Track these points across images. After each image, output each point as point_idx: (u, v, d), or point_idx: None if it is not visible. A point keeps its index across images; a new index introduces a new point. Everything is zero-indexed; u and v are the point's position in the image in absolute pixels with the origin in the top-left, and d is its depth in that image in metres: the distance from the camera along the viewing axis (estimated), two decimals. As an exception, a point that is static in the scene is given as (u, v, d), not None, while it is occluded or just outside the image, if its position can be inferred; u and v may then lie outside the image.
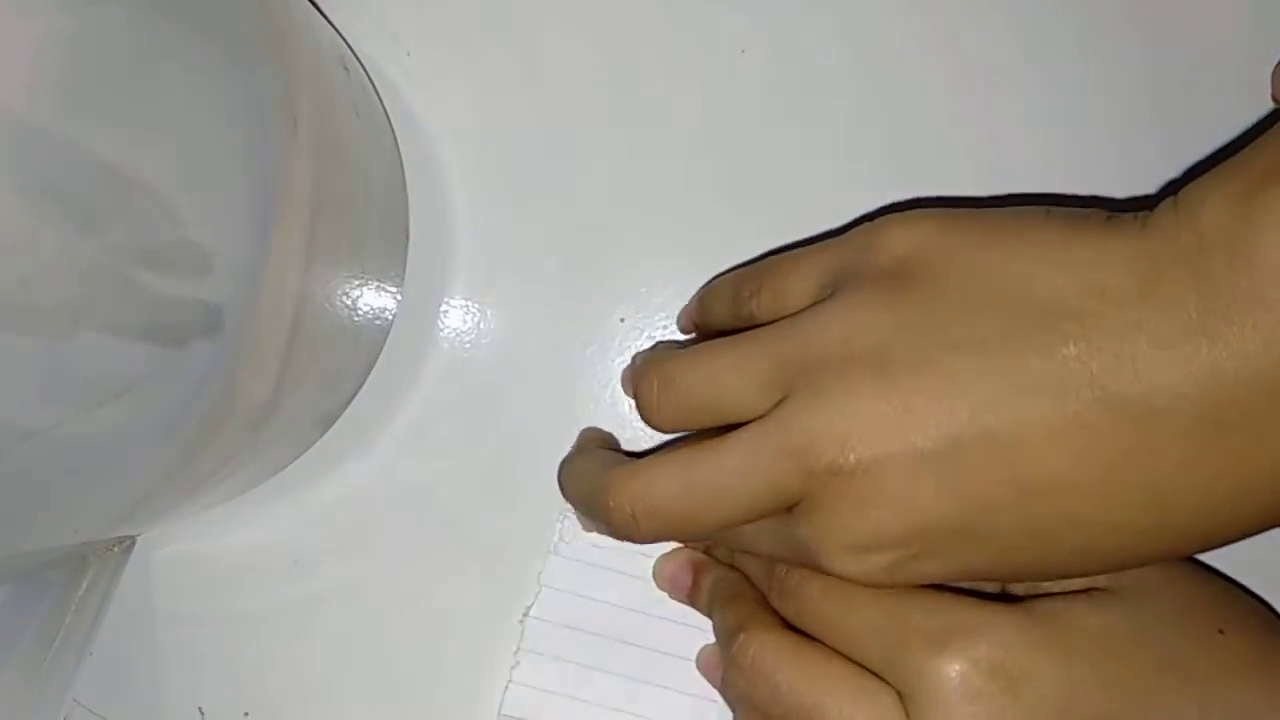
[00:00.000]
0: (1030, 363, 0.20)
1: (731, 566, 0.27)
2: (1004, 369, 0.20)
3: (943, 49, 0.28)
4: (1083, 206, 0.22)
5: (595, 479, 0.24)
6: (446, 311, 0.29)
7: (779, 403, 0.21)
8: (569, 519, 0.28)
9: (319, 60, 0.24)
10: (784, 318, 0.23)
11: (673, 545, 0.27)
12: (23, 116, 0.14)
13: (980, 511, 0.20)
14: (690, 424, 0.24)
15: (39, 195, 0.15)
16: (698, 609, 0.27)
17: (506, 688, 0.28)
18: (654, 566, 0.27)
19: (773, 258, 0.25)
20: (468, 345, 0.29)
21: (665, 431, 0.24)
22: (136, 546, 0.26)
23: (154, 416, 0.19)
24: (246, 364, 0.21)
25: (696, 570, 0.27)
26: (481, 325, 0.29)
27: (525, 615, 0.28)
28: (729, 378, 0.22)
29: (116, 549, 0.25)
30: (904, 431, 0.20)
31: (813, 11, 0.28)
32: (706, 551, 0.27)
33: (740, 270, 0.26)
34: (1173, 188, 0.21)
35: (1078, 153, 0.28)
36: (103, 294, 0.16)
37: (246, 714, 0.28)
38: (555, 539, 0.28)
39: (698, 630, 0.27)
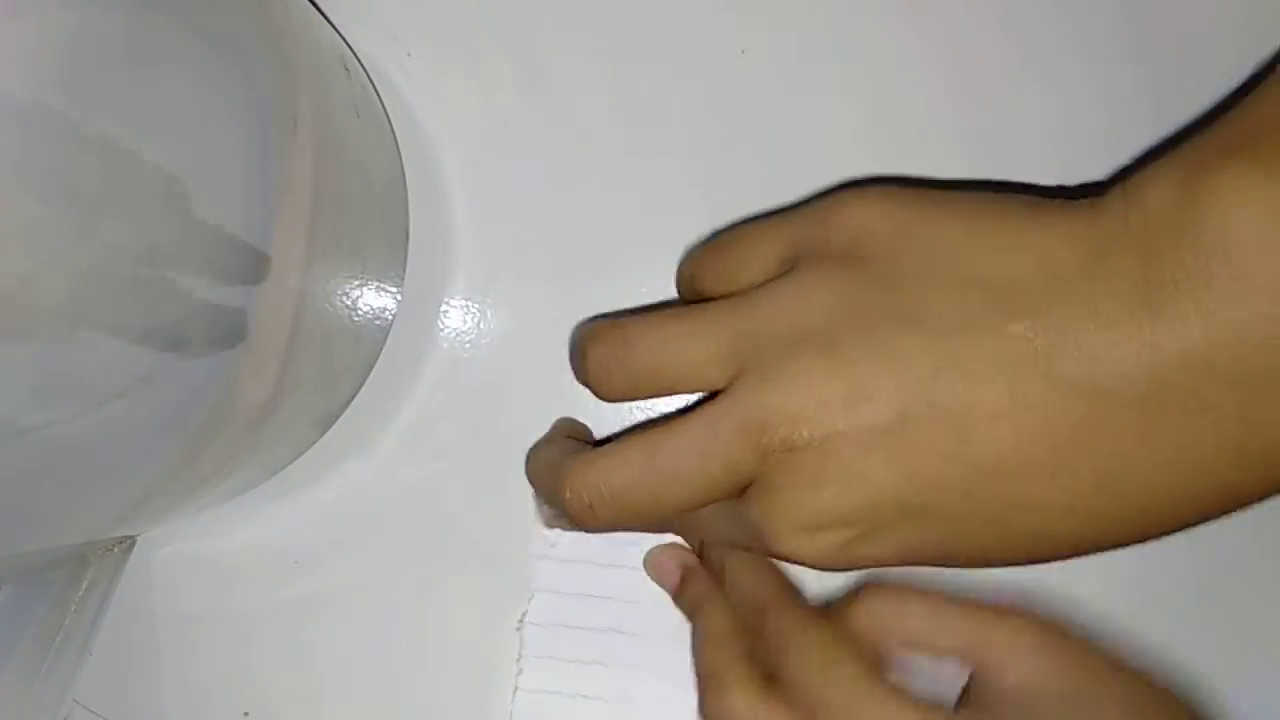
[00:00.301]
0: (978, 341, 0.20)
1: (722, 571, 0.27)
2: (953, 347, 0.20)
3: (943, 49, 0.28)
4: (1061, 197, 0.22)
5: (554, 467, 0.24)
6: (446, 311, 0.29)
7: (733, 381, 0.22)
8: (540, 511, 0.28)
9: (319, 60, 0.24)
10: (739, 291, 0.23)
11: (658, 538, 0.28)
12: (22, 115, 0.14)
13: (929, 489, 0.20)
14: (639, 392, 0.23)
15: (39, 195, 0.14)
16: (679, 607, 0.27)
17: (514, 695, 0.28)
18: (645, 555, 0.28)
19: (727, 232, 0.25)
20: (468, 345, 0.29)
21: (612, 400, 0.24)
22: (137, 546, 0.26)
23: (154, 416, 0.19)
24: (246, 364, 0.21)
25: (685, 574, 0.27)
26: (481, 325, 0.29)
27: (521, 622, 0.28)
28: (682, 346, 0.22)
29: (117, 549, 0.25)
30: (854, 408, 0.20)
31: (813, 11, 0.28)
32: (699, 555, 0.27)
33: (700, 244, 0.26)
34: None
35: (1079, 154, 0.28)
36: (103, 294, 0.16)
37: (246, 714, 0.28)
38: (543, 544, 0.28)
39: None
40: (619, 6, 0.29)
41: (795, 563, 0.22)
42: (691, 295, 0.25)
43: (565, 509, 0.23)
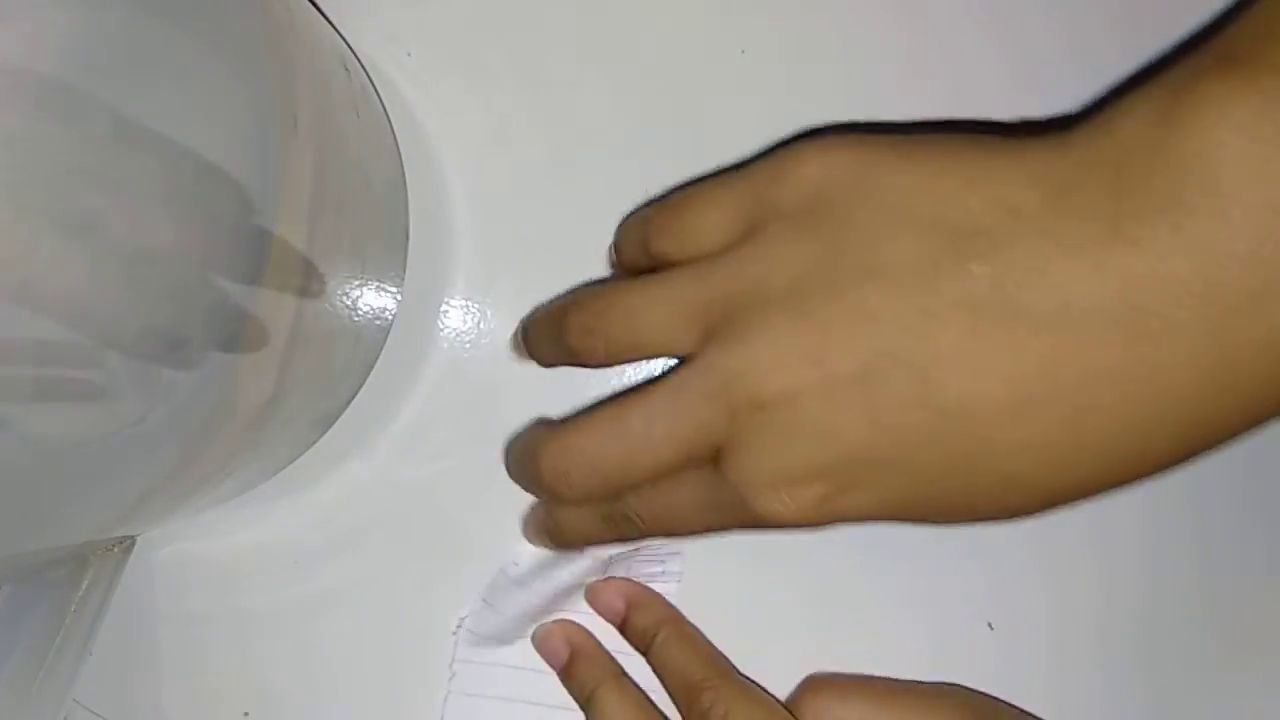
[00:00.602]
0: (941, 284, 0.20)
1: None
2: (915, 292, 0.20)
3: (942, 48, 0.28)
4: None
5: (528, 447, 0.24)
6: (446, 311, 0.29)
7: (701, 346, 0.22)
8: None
9: (319, 60, 0.24)
10: (703, 257, 0.23)
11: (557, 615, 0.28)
12: (22, 117, 0.14)
13: (898, 437, 0.20)
14: (618, 359, 0.24)
15: (38, 196, 0.14)
16: (567, 690, 0.27)
17: (446, 698, 0.27)
18: (534, 632, 0.27)
19: (679, 193, 0.24)
20: (468, 345, 0.29)
21: (595, 366, 0.24)
22: (137, 546, 0.26)
23: (154, 416, 0.19)
24: (246, 364, 0.21)
25: (574, 653, 0.27)
26: (481, 325, 0.29)
27: (459, 626, 0.28)
28: (650, 314, 0.23)
29: (117, 549, 0.25)
30: (820, 361, 0.20)
31: (812, 11, 0.28)
32: (625, 628, 0.27)
33: (648, 206, 0.26)
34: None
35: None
36: (102, 294, 0.16)
37: (246, 714, 0.28)
38: (510, 564, 0.28)
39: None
40: (619, 7, 0.29)
41: (778, 525, 0.22)
42: (641, 257, 0.25)
43: (539, 481, 0.24)
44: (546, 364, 0.26)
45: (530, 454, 0.24)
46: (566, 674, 0.27)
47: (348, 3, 0.28)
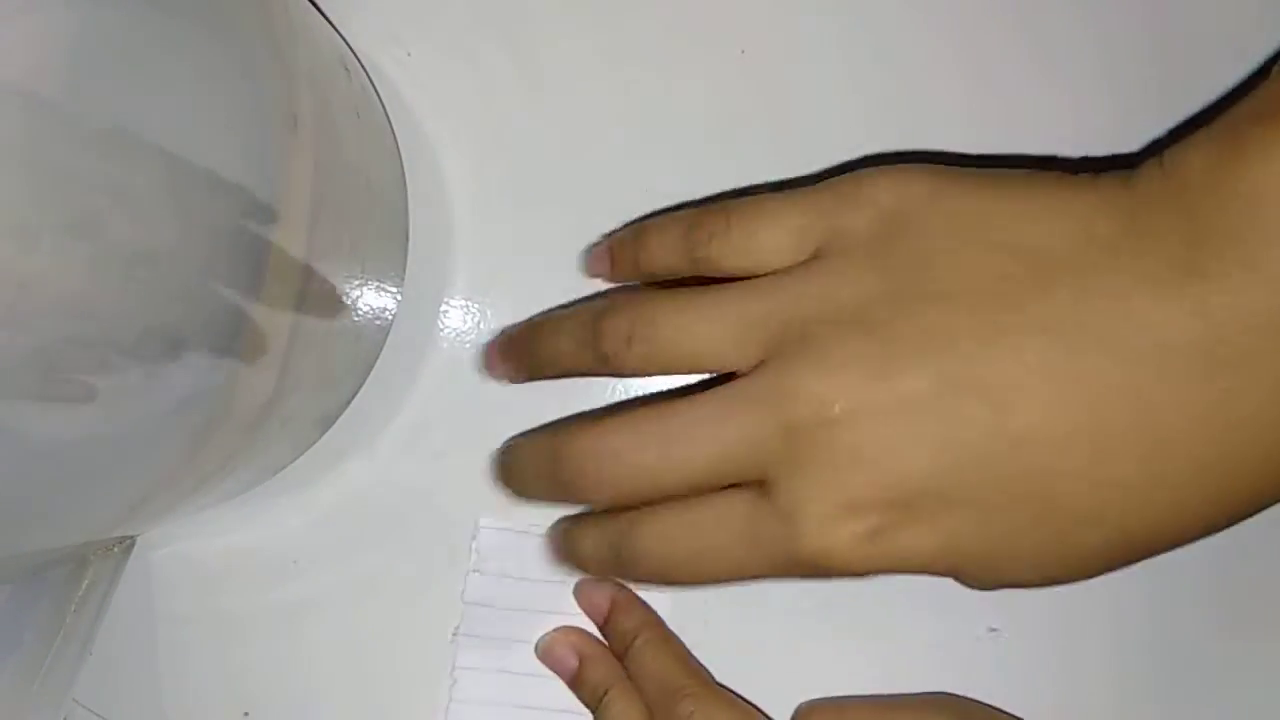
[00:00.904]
0: (1017, 310, 0.19)
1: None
2: (991, 318, 0.19)
3: (942, 48, 0.28)
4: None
5: (547, 445, 0.23)
6: (446, 311, 0.29)
7: (757, 365, 0.21)
8: (480, 536, 0.28)
9: (319, 61, 0.24)
10: (765, 274, 0.22)
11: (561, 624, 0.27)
12: (21, 116, 0.14)
13: (966, 465, 0.19)
14: (652, 367, 0.22)
15: (37, 195, 0.14)
16: (577, 696, 0.27)
17: (448, 707, 0.27)
18: (538, 642, 0.27)
19: (734, 201, 0.23)
20: (468, 345, 0.29)
21: (624, 374, 0.23)
22: (136, 547, 0.26)
23: (154, 417, 0.19)
24: (246, 364, 0.20)
25: (583, 659, 0.26)
26: (481, 325, 0.29)
27: (455, 633, 0.28)
28: (707, 328, 0.22)
29: (116, 549, 0.25)
30: (888, 385, 0.20)
31: (812, 11, 0.28)
32: (607, 624, 0.27)
33: (692, 210, 0.24)
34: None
35: (1088, 146, 0.28)
36: (102, 294, 0.16)
37: (246, 714, 0.28)
38: (472, 557, 0.28)
39: None
40: (619, 6, 0.29)
41: (824, 569, 0.20)
42: (676, 261, 0.24)
43: (562, 477, 0.22)
44: (541, 375, 0.25)
45: (550, 443, 0.23)
46: (576, 680, 0.27)
47: (348, 3, 0.28)
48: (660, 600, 0.27)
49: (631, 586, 0.27)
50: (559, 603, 0.28)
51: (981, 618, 0.28)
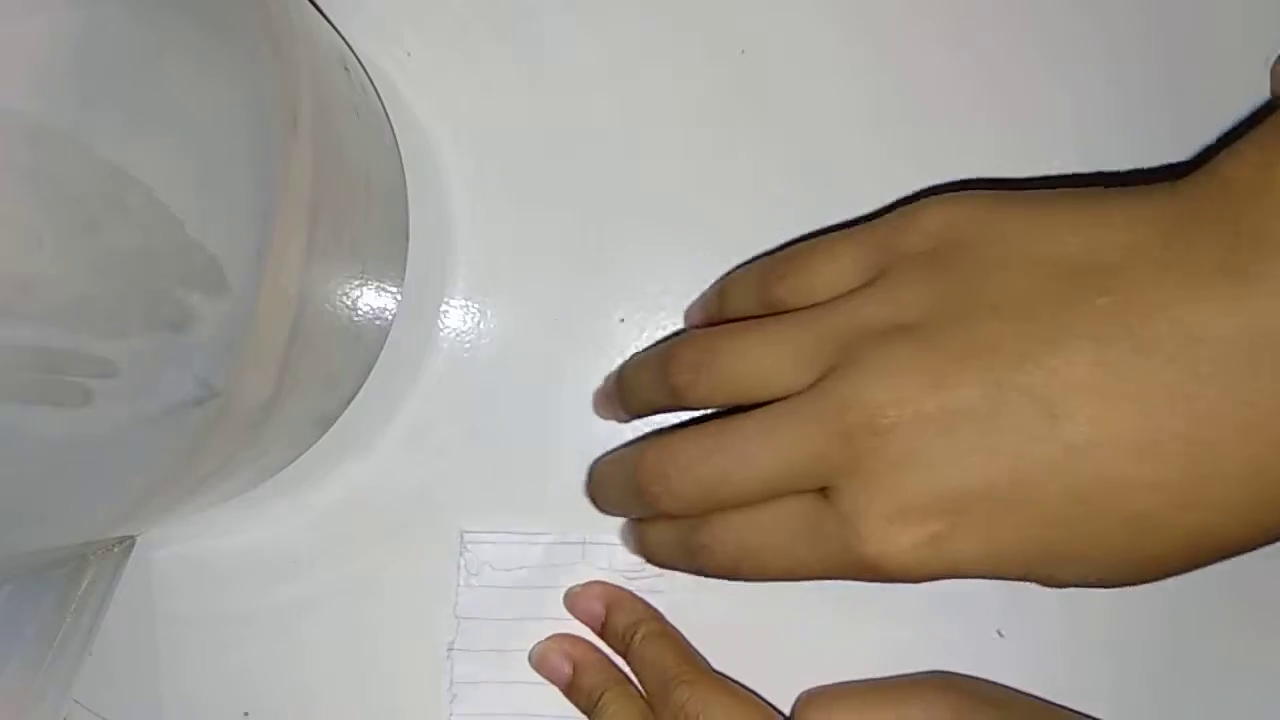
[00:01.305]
0: (1064, 319, 0.20)
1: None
2: (1040, 327, 0.20)
3: (942, 48, 0.28)
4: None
5: (625, 460, 0.24)
6: (446, 311, 0.29)
7: (820, 378, 0.22)
8: (469, 551, 0.28)
9: (319, 60, 0.24)
10: (819, 303, 0.23)
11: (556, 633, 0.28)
12: (22, 116, 0.14)
13: (1019, 469, 0.20)
14: (719, 396, 0.23)
15: (38, 195, 0.15)
16: (572, 703, 0.27)
17: None
18: (530, 651, 0.28)
19: (801, 244, 0.25)
20: (468, 345, 0.29)
21: (693, 405, 0.24)
22: (136, 546, 0.26)
23: (154, 416, 0.19)
24: (246, 364, 0.20)
25: (577, 666, 0.27)
26: (481, 325, 0.29)
27: (450, 649, 0.28)
28: (766, 350, 0.23)
29: (117, 549, 0.25)
30: (942, 391, 0.20)
31: (812, 12, 0.29)
32: (605, 629, 0.27)
33: (765, 258, 0.26)
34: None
35: (1094, 149, 0.28)
36: (102, 293, 0.16)
37: (246, 714, 0.28)
38: (461, 573, 0.28)
39: None
40: (619, 6, 0.29)
41: (882, 573, 0.21)
42: (752, 306, 0.25)
43: (638, 489, 0.24)
44: (635, 412, 0.26)
45: (627, 459, 0.24)
46: (570, 687, 0.27)
47: (348, 2, 0.28)
48: (655, 602, 0.28)
49: (636, 590, 0.28)
50: (551, 609, 0.28)
51: (990, 620, 0.28)
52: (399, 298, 0.28)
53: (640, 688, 0.26)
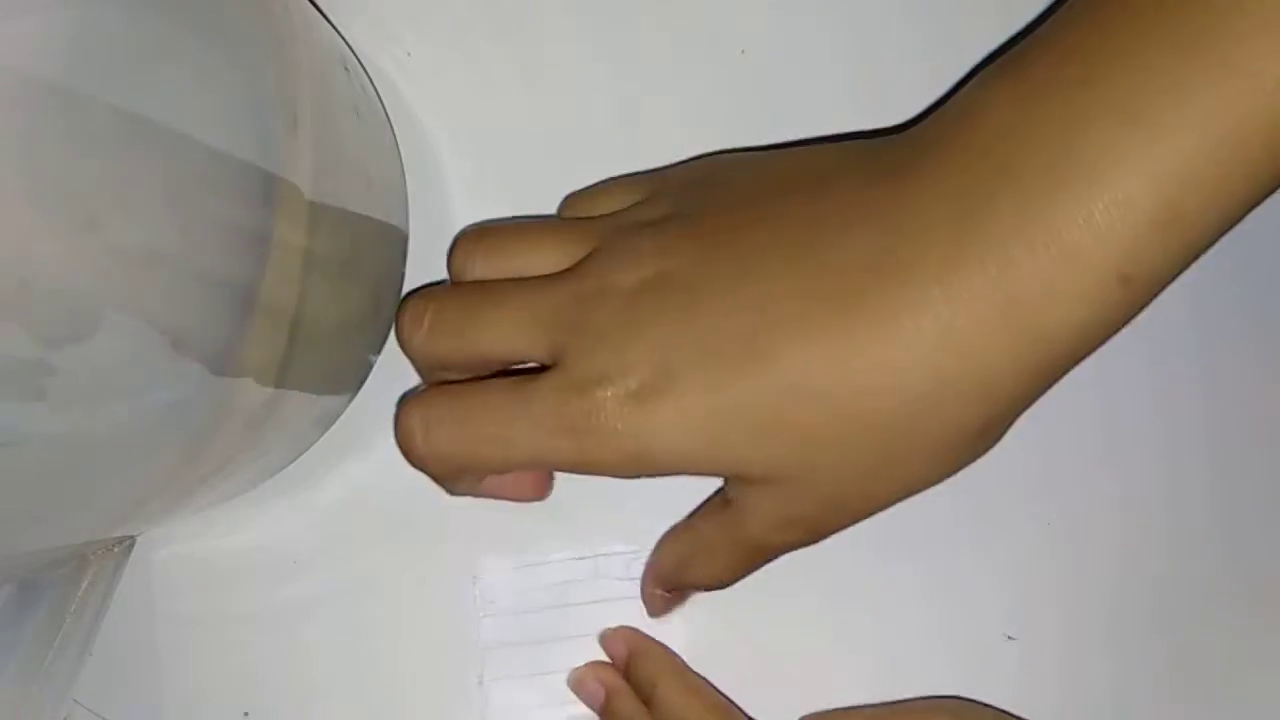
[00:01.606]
0: (771, 206, 0.23)
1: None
2: (750, 212, 0.23)
3: (943, 49, 0.28)
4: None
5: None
6: (446, 311, 0.29)
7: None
8: (482, 580, 0.28)
9: (319, 60, 0.24)
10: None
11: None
12: (21, 116, 0.14)
13: (714, 328, 0.22)
14: (490, 271, 0.25)
15: (38, 195, 0.15)
16: None
17: None
18: (569, 674, 0.28)
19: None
20: (468, 345, 0.29)
21: (464, 276, 0.26)
22: (137, 546, 0.26)
23: (154, 416, 0.19)
24: (247, 364, 0.21)
25: (610, 693, 0.27)
26: (481, 325, 0.29)
27: (480, 681, 0.28)
28: (552, 242, 0.25)
29: (117, 549, 0.25)
30: (663, 260, 0.23)
31: (812, 12, 0.29)
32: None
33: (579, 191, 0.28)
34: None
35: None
36: (102, 294, 0.16)
37: (246, 714, 0.28)
38: (479, 603, 0.28)
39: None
40: (619, 6, 0.29)
41: (599, 435, 0.22)
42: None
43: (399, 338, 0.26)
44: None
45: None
46: (605, 711, 0.27)
47: (348, 2, 0.28)
48: (677, 629, 0.28)
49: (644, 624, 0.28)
50: (573, 627, 0.28)
51: (998, 625, 0.28)
52: (399, 297, 0.28)
53: None
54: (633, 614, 0.28)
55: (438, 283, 0.29)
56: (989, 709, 0.27)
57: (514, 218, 0.29)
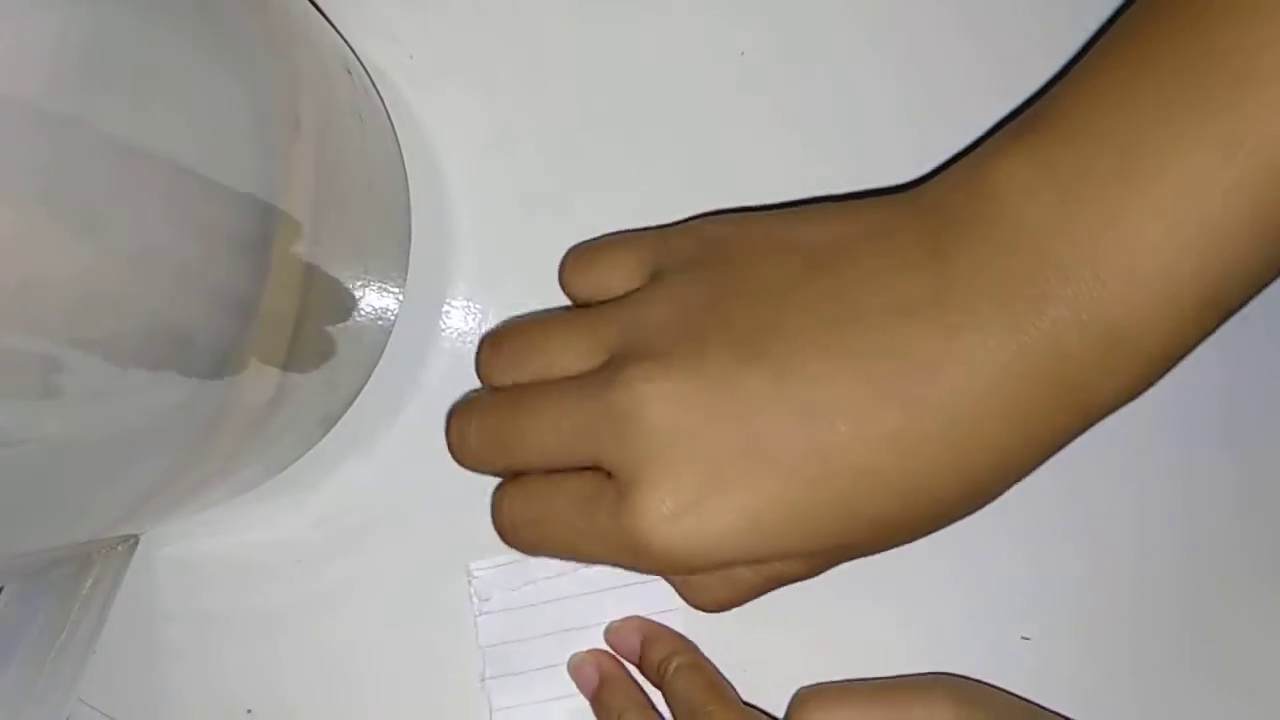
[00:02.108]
0: (796, 294, 0.23)
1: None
2: (776, 303, 0.23)
3: (943, 49, 0.28)
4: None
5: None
6: (448, 312, 0.29)
7: (603, 366, 0.24)
8: (476, 579, 0.28)
9: (321, 62, 0.24)
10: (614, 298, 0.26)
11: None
12: (22, 118, 0.14)
13: (758, 430, 0.22)
14: (519, 375, 0.26)
15: (39, 196, 0.15)
16: (595, 714, 0.27)
17: None
18: (569, 660, 0.28)
19: (588, 247, 0.28)
20: (469, 345, 0.29)
21: (495, 383, 0.26)
22: (140, 545, 0.26)
23: (157, 416, 0.19)
24: (249, 364, 0.21)
25: (603, 680, 0.27)
26: (482, 325, 0.29)
27: (483, 680, 0.28)
28: (548, 345, 0.25)
29: (120, 548, 0.25)
30: (699, 365, 0.23)
31: (812, 14, 0.29)
32: (642, 660, 0.28)
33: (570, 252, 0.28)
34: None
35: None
36: (104, 294, 0.16)
37: (249, 711, 0.28)
38: (475, 602, 0.28)
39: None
40: (619, 8, 0.29)
41: (650, 550, 0.22)
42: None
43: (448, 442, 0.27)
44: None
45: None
46: (596, 699, 0.27)
47: (350, 5, 0.28)
48: (672, 620, 0.28)
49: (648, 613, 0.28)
50: (571, 619, 0.28)
51: (1015, 626, 0.28)
52: (401, 298, 0.28)
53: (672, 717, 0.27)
54: (627, 605, 0.28)
55: (438, 282, 0.29)
56: (985, 685, 0.27)
57: (514, 218, 0.29)
